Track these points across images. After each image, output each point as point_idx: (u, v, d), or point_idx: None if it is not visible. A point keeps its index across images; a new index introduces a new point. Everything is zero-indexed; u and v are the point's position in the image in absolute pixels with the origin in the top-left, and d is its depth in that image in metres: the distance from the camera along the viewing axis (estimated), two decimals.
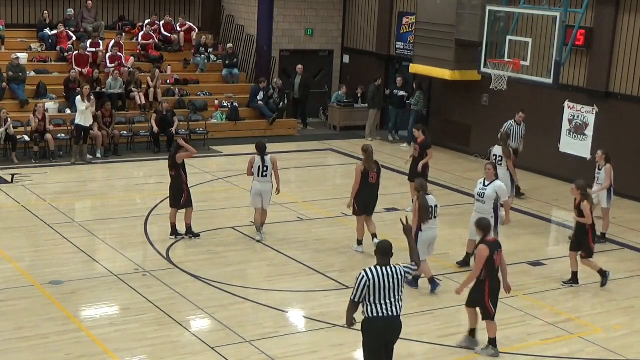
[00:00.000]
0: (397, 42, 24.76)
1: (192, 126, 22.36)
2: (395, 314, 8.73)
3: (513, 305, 12.36)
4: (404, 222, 9.11)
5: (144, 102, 22.46)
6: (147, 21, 25.37)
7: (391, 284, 8.67)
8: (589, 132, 19.60)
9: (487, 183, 13.37)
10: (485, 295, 10.44)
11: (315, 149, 22.79)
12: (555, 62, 17.13)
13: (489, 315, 10.56)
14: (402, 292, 8.78)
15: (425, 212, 12.37)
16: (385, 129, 24.77)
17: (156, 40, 25.14)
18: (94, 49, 23.29)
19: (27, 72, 22.12)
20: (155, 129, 21.08)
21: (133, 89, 22.46)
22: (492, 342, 10.70)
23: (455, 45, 21.06)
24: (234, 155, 21.28)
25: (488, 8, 18.61)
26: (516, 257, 14.59)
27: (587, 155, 19.54)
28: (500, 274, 10.56)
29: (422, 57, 22.14)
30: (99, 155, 20.34)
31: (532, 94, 20.41)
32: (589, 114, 19.62)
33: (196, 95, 24.11)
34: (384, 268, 8.69)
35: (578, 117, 19.83)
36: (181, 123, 21.95)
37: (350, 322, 8.92)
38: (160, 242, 14.35)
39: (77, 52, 23.03)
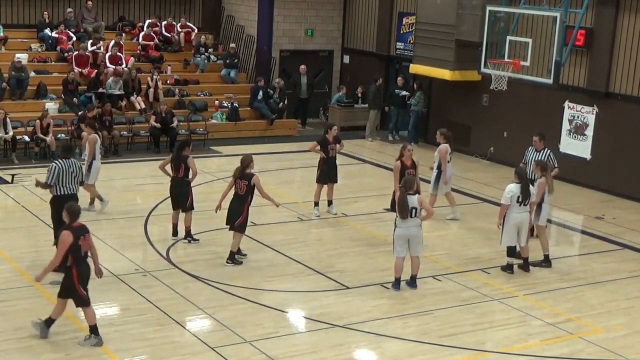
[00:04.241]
0: (397, 42, 24.75)
1: (192, 126, 22.36)
2: (75, 192, 12.66)
3: (513, 305, 12.36)
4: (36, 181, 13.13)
5: (143, 106, 22.44)
6: (147, 21, 25.37)
7: (73, 171, 12.58)
8: (589, 132, 19.60)
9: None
10: (75, 281, 10.20)
11: None
12: (555, 63, 17.12)
13: (82, 302, 10.30)
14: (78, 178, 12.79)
15: (403, 209, 12.28)
16: (385, 129, 24.77)
17: (157, 41, 25.14)
18: (94, 49, 23.30)
19: (28, 73, 22.12)
20: (157, 125, 21.05)
21: (133, 95, 22.45)
22: (93, 329, 10.36)
23: (455, 46, 21.06)
24: (234, 155, 21.20)
25: (488, 8, 18.60)
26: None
27: (587, 155, 19.55)
28: (90, 259, 10.42)
29: (422, 57, 22.13)
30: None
31: (532, 94, 20.40)
32: (589, 114, 19.61)
33: (196, 96, 24.10)
34: (67, 160, 12.60)
35: (578, 117, 19.83)
36: (181, 123, 21.94)
37: (40, 184, 12.86)
38: (160, 242, 14.34)
39: (77, 52, 23.03)
